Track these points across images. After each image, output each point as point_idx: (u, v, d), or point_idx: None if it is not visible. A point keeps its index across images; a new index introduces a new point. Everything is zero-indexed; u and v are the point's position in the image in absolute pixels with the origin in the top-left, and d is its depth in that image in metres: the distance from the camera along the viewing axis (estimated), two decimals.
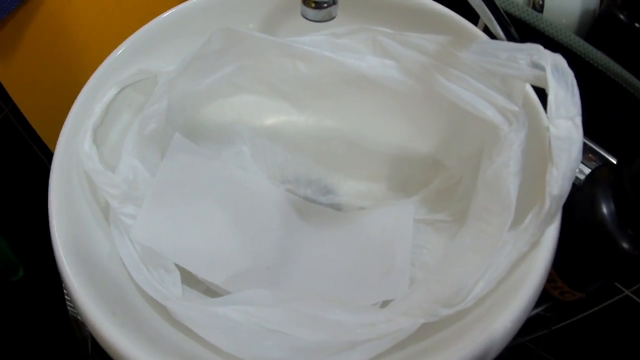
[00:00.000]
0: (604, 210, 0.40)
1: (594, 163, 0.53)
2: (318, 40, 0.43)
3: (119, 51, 0.47)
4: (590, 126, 0.54)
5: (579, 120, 0.35)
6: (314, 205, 0.54)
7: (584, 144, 0.52)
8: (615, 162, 0.53)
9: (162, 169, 0.46)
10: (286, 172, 0.55)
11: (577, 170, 0.34)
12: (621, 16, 0.53)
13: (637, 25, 0.53)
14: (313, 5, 0.34)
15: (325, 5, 0.34)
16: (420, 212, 0.52)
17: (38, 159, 0.63)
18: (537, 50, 0.36)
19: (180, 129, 0.50)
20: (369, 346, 0.34)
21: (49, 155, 0.62)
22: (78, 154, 0.41)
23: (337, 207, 0.54)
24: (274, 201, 0.53)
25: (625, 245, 0.39)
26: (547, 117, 0.35)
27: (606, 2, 0.55)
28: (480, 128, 0.42)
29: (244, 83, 0.51)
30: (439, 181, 0.52)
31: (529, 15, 0.51)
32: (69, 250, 0.37)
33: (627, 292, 0.54)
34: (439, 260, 0.41)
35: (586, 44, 0.51)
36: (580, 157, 0.34)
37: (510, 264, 0.34)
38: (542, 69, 0.35)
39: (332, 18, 0.35)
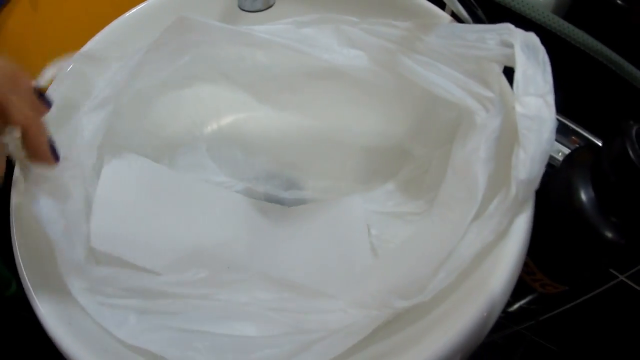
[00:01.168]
0: (583, 196, 0.37)
1: (578, 145, 0.51)
2: (278, 29, 0.41)
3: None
4: (575, 107, 0.53)
5: (550, 98, 0.32)
6: (266, 203, 0.52)
7: (567, 126, 0.50)
8: (600, 144, 0.51)
9: (104, 176, 0.43)
10: (245, 169, 0.53)
11: (549, 152, 0.32)
12: None
13: (618, 2, 0.52)
14: None
15: None
16: (389, 204, 0.50)
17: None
18: (507, 29, 0.35)
19: (129, 130, 0.47)
20: (322, 346, 0.32)
21: None
22: None
23: (301, 202, 0.52)
24: (228, 203, 0.51)
25: (608, 234, 0.36)
26: (514, 94, 0.32)
27: None
28: (452, 115, 0.40)
29: (201, 75, 0.48)
30: (406, 171, 0.50)
31: None
32: (29, 263, 0.36)
33: (621, 277, 0.52)
34: (397, 248, 0.38)
35: (563, 22, 0.49)
36: (552, 137, 0.32)
37: (473, 254, 0.32)
38: (511, 47, 0.33)
39: (270, 6, 0.33)
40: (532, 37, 0.34)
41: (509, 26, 0.35)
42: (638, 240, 0.37)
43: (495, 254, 0.32)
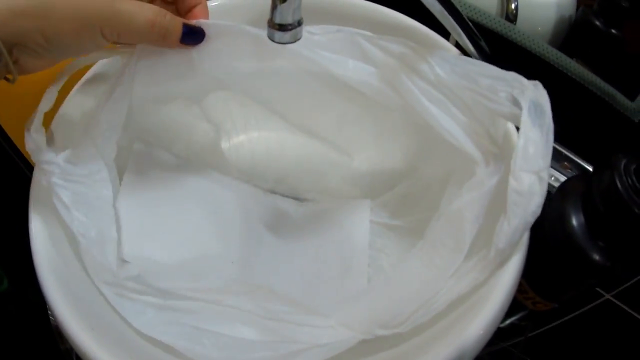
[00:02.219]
0: (574, 222, 0.40)
1: (570, 171, 0.54)
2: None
3: None
4: (568, 135, 0.55)
5: (545, 173, 0.33)
6: (275, 196, 0.55)
7: (560, 153, 0.53)
8: (591, 170, 0.53)
9: (126, 183, 0.46)
10: (255, 173, 0.56)
11: (532, 222, 0.34)
12: (597, 23, 0.54)
13: (613, 31, 0.54)
14: (277, 27, 0.34)
15: (290, 27, 0.34)
16: (383, 215, 0.53)
17: (19, 169, 0.63)
18: (519, 83, 0.35)
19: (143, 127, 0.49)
20: (309, 354, 0.36)
21: (29, 166, 0.63)
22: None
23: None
24: (238, 198, 0.53)
25: (596, 257, 0.39)
26: (512, 167, 0.34)
27: (582, 9, 0.55)
28: (454, 151, 0.41)
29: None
30: (403, 186, 0.53)
31: (502, 26, 0.51)
32: (49, 267, 0.37)
33: (607, 296, 0.54)
34: (386, 280, 0.41)
35: (560, 54, 0.51)
36: (539, 210, 0.34)
37: (449, 301, 0.34)
38: (520, 107, 0.34)
39: (297, 40, 0.35)
40: (542, 98, 0.35)
41: (521, 79, 0.36)
42: (622, 263, 0.40)
43: (494, 281, 0.35)
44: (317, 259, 0.51)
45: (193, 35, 0.37)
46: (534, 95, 0.35)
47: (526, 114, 0.34)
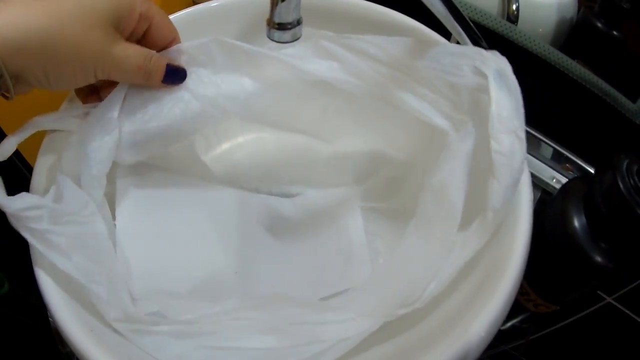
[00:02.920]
0: (576, 223, 0.39)
1: (572, 173, 0.53)
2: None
3: None
4: (568, 136, 0.55)
5: (522, 132, 0.35)
6: (263, 196, 0.55)
7: (561, 154, 0.53)
8: (593, 171, 0.53)
9: (120, 214, 0.45)
10: (241, 177, 0.56)
11: (519, 179, 0.36)
12: (598, 24, 0.54)
13: (614, 33, 0.54)
14: (277, 27, 0.34)
15: (289, 26, 0.34)
16: (371, 200, 0.54)
17: (21, 173, 0.63)
18: (480, 55, 0.36)
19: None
20: (336, 349, 0.37)
21: (31, 170, 0.62)
22: None
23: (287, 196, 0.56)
24: (228, 204, 0.53)
25: (598, 258, 0.39)
26: (490, 131, 0.35)
27: (583, 10, 0.55)
28: (426, 128, 0.42)
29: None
30: (387, 169, 0.54)
31: (503, 26, 0.51)
32: (48, 271, 0.37)
33: (609, 299, 0.54)
34: (391, 261, 0.41)
35: (561, 54, 0.51)
36: (522, 167, 0.35)
37: (458, 268, 0.36)
38: (485, 76, 0.35)
39: (296, 39, 0.35)
40: (504, 65, 0.36)
41: (481, 52, 0.37)
42: (625, 264, 0.39)
43: (494, 282, 0.35)
44: (317, 253, 0.51)
45: (174, 76, 0.40)
46: (495, 63, 0.36)
47: (492, 82, 0.35)
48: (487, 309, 0.33)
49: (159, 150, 0.45)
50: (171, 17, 0.52)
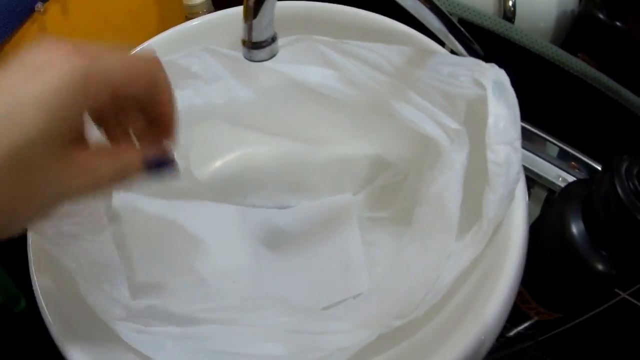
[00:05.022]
0: (574, 229, 0.38)
1: (578, 171, 0.52)
2: None
3: None
4: (573, 133, 0.53)
5: (518, 143, 0.35)
6: (261, 210, 0.55)
7: (567, 152, 0.51)
8: (600, 168, 0.51)
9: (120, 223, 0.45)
10: (236, 193, 0.56)
11: (515, 189, 0.36)
12: (601, 15, 0.52)
13: (617, 24, 0.52)
14: (252, 46, 0.33)
15: (264, 44, 0.33)
16: (366, 209, 0.54)
17: None
18: (478, 66, 0.37)
19: None
20: (334, 358, 0.37)
21: None
22: None
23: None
24: (225, 219, 0.53)
25: (599, 266, 0.37)
26: (487, 141, 0.35)
27: (585, 2, 0.54)
28: (421, 138, 0.42)
29: None
30: (383, 178, 0.54)
31: (500, 25, 0.50)
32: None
33: (623, 294, 0.53)
34: (388, 272, 0.42)
35: (560, 51, 0.50)
36: (518, 176, 0.36)
37: (454, 278, 0.36)
38: (483, 87, 0.36)
39: (273, 56, 0.34)
40: (502, 77, 0.36)
41: (480, 63, 0.37)
42: (629, 271, 0.38)
43: (491, 284, 0.35)
44: (315, 264, 0.51)
45: (158, 171, 0.31)
46: (494, 75, 0.36)
47: (491, 93, 0.36)
48: (484, 317, 0.34)
49: None
50: (166, 33, 0.52)
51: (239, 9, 0.43)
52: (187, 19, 0.61)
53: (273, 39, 0.33)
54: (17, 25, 0.54)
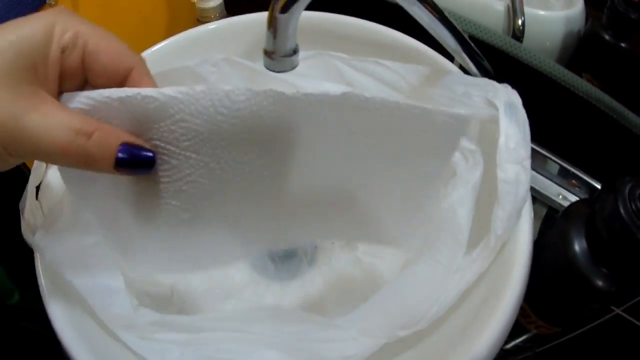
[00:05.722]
0: (576, 248, 0.39)
1: (578, 189, 0.53)
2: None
3: None
4: (575, 152, 0.55)
5: (527, 163, 0.37)
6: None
7: (567, 170, 0.52)
8: (599, 187, 0.53)
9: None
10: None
11: (523, 207, 0.37)
12: (606, 36, 0.53)
13: (622, 45, 0.53)
14: (273, 56, 0.34)
15: (287, 55, 0.34)
16: None
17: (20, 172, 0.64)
18: (492, 87, 0.38)
19: None
20: None
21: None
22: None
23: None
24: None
25: (599, 283, 0.39)
26: (497, 160, 0.36)
27: (591, 21, 0.55)
28: None
29: None
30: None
31: (508, 44, 0.51)
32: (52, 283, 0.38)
33: (617, 310, 0.54)
34: (396, 284, 0.42)
35: (566, 71, 0.51)
36: (527, 195, 0.37)
37: (460, 292, 0.37)
38: (496, 108, 0.37)
39: (294, 67, 0.35)
40: (514, 98, 0.38)
41: (494, 84, 0.38)
42: (628, 288, 0.39)
43: (495, 299, 0.36)
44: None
45: (133, 165, 0.28)
46: (506, 96, 0.38)
47: (503, 113, 0.37)
48: (488, 331, 0.34)
49: None
50: (181, 35, 0.52)
51: (259, 16, 0.44)
52: (199, 22, 0.61)
53: (295, 51, 0.34)
54: None
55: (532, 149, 0.54)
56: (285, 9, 0.32)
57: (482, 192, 0.38)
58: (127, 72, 0.28)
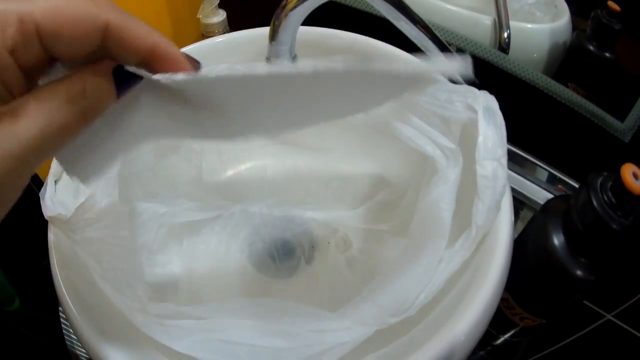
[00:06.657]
0: (555, 240, 0.42)
1: (564, 193, 0.55)
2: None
3: None
4: (561, 158, 0.57)
5: (504, 160, 0.39)
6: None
7: (554, 176, 0.55)
8: None
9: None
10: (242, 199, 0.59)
11: (501, 200, 0.40)
12: (591, 47, 0.56)
13: (606, 54, 0.55)
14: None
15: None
16: (366, 222, 0.57)
17: (32, 190, 0.66)
18: (471, 93, 0.41)
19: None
20: (335, 351, 0.40)
21: (41, 185, 0.66)
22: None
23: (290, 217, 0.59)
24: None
25: (578, 272, 0.41)
26: (476, 157, 0.39)
27: (577, 33, 0.57)
28: (420, 158, 0.46)
29: None
30: (382, 195, 0.57)
31: (494, 56, 0.54)
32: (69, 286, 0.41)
33: (608, 316, 0.55)
34: (386, 277, 0.45)
35: (551, 81, 0.54)
36: (504, 190, 0.39)
37: (445, 279, 0.39)
38: (475, 111, 0.40)
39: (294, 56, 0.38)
40: (492, 102, 0.41)
41: (473, 90, 0.42)
42: (607, 277, 0.41)
43: (478, 284, 0.39)
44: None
45: (126, 82, 0.25)
46: (485, 101, 0.41)
47: (481, 116, 0.40)
48: (469, 314, 0.38)
49: None
50: (187, 48, 0.54)
51: (261, 31, 0.47)
52: (204, 37, 0.64)
53: (294, 60, 0.38)
54: None
55: (522, 157, 0.58)
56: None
57: (463, 189, 0.41)
58: (151, 50, 0.25)
